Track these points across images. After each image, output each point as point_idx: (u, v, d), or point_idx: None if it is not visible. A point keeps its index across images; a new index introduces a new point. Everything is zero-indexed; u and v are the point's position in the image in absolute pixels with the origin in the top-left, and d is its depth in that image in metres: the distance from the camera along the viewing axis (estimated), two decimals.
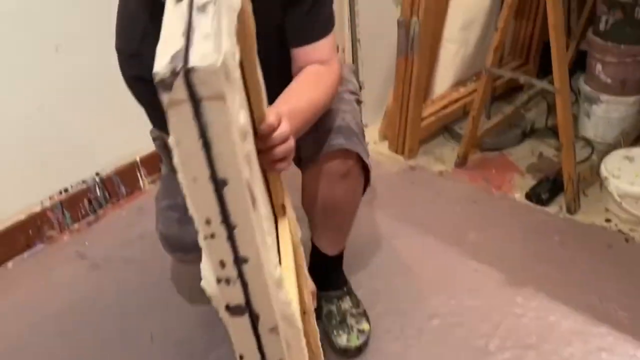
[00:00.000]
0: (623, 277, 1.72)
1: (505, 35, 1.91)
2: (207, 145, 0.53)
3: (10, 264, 1.94)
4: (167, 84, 0.47)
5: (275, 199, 1.07)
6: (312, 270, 1.54)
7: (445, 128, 2.28)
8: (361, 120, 1.47)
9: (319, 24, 1.29)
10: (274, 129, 0.98)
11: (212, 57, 0.48)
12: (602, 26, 2.03)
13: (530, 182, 2.05)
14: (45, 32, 1.78)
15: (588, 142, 2.17)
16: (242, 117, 0.56)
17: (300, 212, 1.34)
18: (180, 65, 0.47)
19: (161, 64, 0.48)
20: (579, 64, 2.25)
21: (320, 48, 1.29)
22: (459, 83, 2.31)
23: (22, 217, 1.95)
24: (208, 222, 0.57)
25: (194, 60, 0.48)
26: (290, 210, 1.10)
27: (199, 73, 0.48)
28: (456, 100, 2.26)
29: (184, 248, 1.36)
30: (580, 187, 1.95)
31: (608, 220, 1.89)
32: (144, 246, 1.93)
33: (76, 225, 2.06)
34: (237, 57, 0.57)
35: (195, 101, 0.50)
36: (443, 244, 1.86)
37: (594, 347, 1.54)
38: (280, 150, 1.00)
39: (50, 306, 1.78)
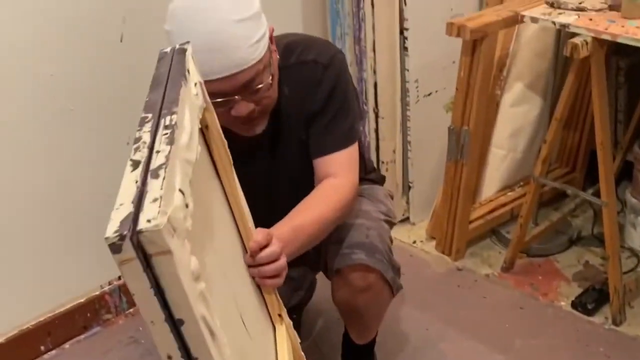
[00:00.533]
0: None
1: (553, 147, 2.01)
2: (160, 292, 0.61)
3: (67, 345, 2.03)
4: (117, 247, 0.56)
5: (272, 310, 1.14)
6: (344, 356, 1.63)
7: (493, 231, 2.34)
8: (390, 239, 1.51)
9: (336, 137, 1.35)
10: (261, 247, 1.05)
11: (156, 220, 0.57)
12: None
13: (576, 290, 2.09)
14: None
15: (634, 253, 2.22)
16: (193, 263, 0.64)
17: None
18: (126, 229, 0.56)
19: (110, 230, 0.57)
20: (625, 173, 2.31)
21: (335, 160, 1.35)
22: (507, 187, 2.39)
23: (81, 300, 2.04)
24: (170, 357, 0.64)
25: (141, 224, 0.57)
26: (286, 318, 1.17)
27: (145, 234, 0.57)
28: (504, 205, 2.32)
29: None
30: (626, 298, 1.99)
31: None
32: None
33: (132, 310, 2.14)
34: (191, 206, 0.65)
35: (146, 257, 0.59)
36: (489, 350, 1.90)
37: None
38: (269, 269, 1.06)
39: None
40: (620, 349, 1.88)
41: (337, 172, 1.34)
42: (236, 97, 1.19)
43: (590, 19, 1.79)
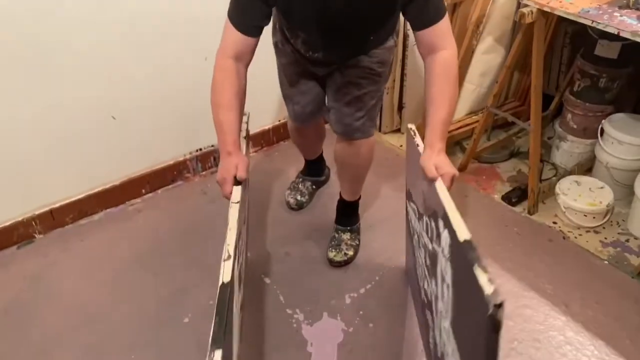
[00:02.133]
0: (554, 263, 1.89)
1: (503, 86, 2.11)
2: None
3: (159, 191, 2.27)
4: None
5: None
6: (337, 211, 1.85)
7: (457, 143, 2.47)
8: (383, 90, 1.61)
9: (435, 11, 1.26)
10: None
11: None
12: (575, 88, 2.19)
13: (508, 188, 2.24)
14: None
15: (555, 167, 2.33)
16: None
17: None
18: None
19: None
20: (560, 110, 2.40)
21: (439, 30, 1.27)
22: (472, 113, 2.50)
23: (171, 162, 2.26)
24: None
25: None
26: None
27: None
28: (467, 125, 2.44)
29: (303, 118, 1.76)
30: (540, 197, 2.13)
31: (555, 223, 2.07)
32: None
33: (204, 173, 2.35)
34: None
35: None
36: None
37: (522, 304, 1.75)
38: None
39: (181, 221, 2.11)
40: (528, 230, 2.05)
41: (444, 43, 1.28)
42: None
43: None
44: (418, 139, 1.40)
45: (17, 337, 1.67)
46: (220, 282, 1.08)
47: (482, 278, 0.95)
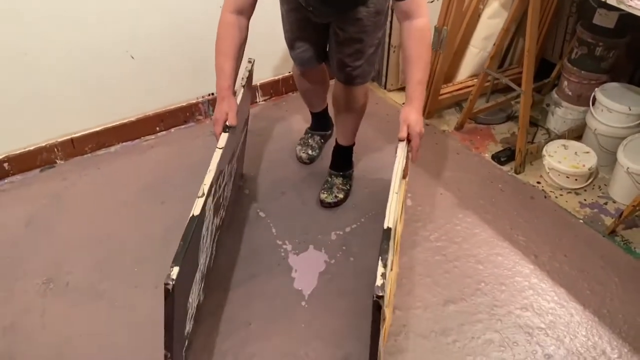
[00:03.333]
0: (532, 218, 2.01)
1: (500, 48, 2.19)
2: None
3: (172, 130, 2.44)
4: None
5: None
6: (332, 157, 2.01)
7: (457, 103, 2.57)
8: (382, 36, 1.71)
9: None
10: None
11: None
12: (572, 55, 2.26)
13: (499, 149, 2.34)
14: None
15: (548, 131, 2.43)
16: None
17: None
18: None
19: None
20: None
21: (414, 4, 1.42)
22: (474, 75, 2.58)
23: (184, 104, 2.41)
24: None
25: None
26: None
27: None
28: (469, 87, 2.53)
29: (303, 62, 1.86)
30: (528, 158, 2.24)
31: (538, 183, 2.18)
32: (255, 132, 2.39)
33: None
34: None
35: None
36: (427, 174, 2.20)
37: (494, 252, 1.88)
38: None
39: (190, 158, 2.26)
40: (512, 187, 2.16)
41: (420, 11, 1.42)
42: None
43: None
44: None
45: (34, 246, 1.87)
46: (190, 215, 1.27)
47: (379, 270, 1.16)
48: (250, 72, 1.78)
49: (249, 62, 1.78)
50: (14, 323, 1.63)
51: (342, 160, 2.07)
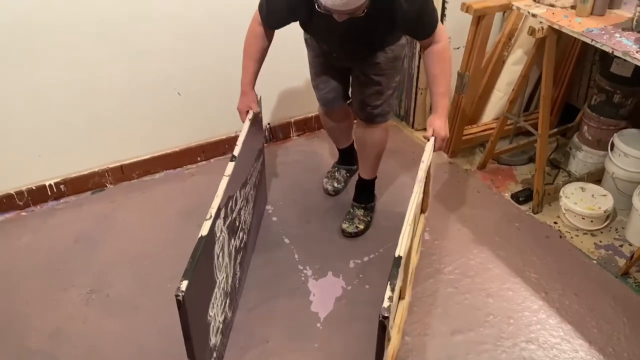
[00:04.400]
0: (545, 256, 2.08)
1: (518, 93, 2.30)
2: None
3: (212, 160, 2.61)
4: None
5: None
6: (355, 190, 2.16)
7: (481, 144, 2.67)
8: (398, 80, 1.90)
9: (429, 26, 1.61)
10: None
11: None
12: (592, 102, 2.35)
13: (519, 189, 2.42)
14: None
15: (569, 174, 2.49)
16: None
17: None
18: None
19: None
20: None
21: (434, 36, 1.63)
22: (498, 118, 2.68)
23: (223, 137, 2.60)
24: None
25: None
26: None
27: None
28: (492, 128, 2.63)
29: (326, 102, 2.07)
30: (547, 199, 2.31)
31: (555, 223, 2.25)
32: (287, 164, 2.56)
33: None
34: None
35: None
36: (448, 211, 2.30)
37: (505, 287, 1.96)
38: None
39: None
40: (528, 226, 2.23)
41: (436, 38, 1.63)
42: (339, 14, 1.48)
43: (553, 13, 2.03)
44: None
45: (80, 260, 2.08)
46: (199, 235, 1.43)
47: (387, 293, 1.25)
48: (259, 112, 1.97)
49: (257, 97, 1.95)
50: (59, 328, 1.83)
51: (365, 192, 2.21)
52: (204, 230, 1.45)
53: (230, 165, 1.67)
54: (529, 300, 1.91)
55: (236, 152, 1.72)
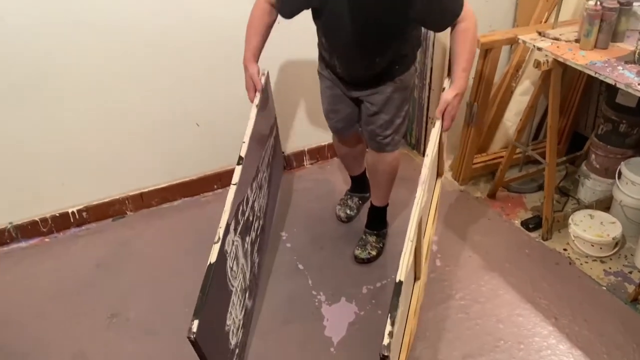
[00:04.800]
0: (555, 283, 2.11)
1: (525, 123, 2.36)
2: None
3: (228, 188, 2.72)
4: None
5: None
6: (368, 217, 2.21)
7: (491, 172, 2.73)
8: (407, 114, 1.95)
9: (450, 14, 1.61)
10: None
11: None
12: (599, 131, 2.40)
13: (529, 216, 2.47)
14: None
15: (578, 201, 2.54)
16: None
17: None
18: None
19: None
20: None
21: (459, 20, 1.62)
22: (508, 146, 2.74)
23: None
24: None
25: None
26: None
27: None
28: (501, 157, 2.68)
29: (337, 130, 2.13)
30: (556, 226, 2.35)
31: (565, 250, 2.28)
32: (300, 192, 2.64)
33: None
34: None
35: None
36: (459, 237, 2.35)
37: (516, 313, 1.99)
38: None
39: None
40: (538, 253, 2.27)
41: (460, 19, 1.62)
42: None
43: (557, 46, 2.10)
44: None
45: (102, 285, 2.16)
46: (207, 263, 1.36)
47: (387, 328, 1.19)
48: (266, 82, 2.02)
49: (263, 74, 1.94)
50: (82, 351, 1.89)
51: (377, 219, 2.27)
52: (212, 257, 1.45)
53: (238, 170, 1.66)
54: (539, 326, 1.94)
55: (243, 152, 1.67)
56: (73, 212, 2.42)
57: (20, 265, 2.26)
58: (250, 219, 1.80)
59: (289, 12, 1.76)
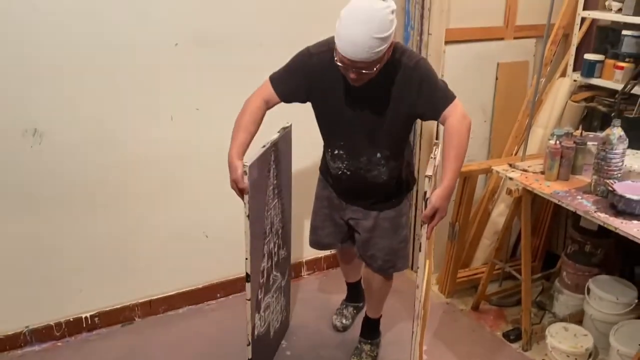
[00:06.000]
0: None
1: (502, 242, 2.64)
2: None
3: (231, 297, 2.89)
4: None
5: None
6: (362, 326, 2.38)
7: (474, 286, 2.96)
8: (407, 238, 2.09)
9: (443, 99, 1.71)
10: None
11: None
12: (568, 250, 2.69)
13: (510, 328, 2.68)
14: None
15: (554, 315, 2.76)
16: None
17: None
18: None
19: None
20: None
21: (448, 111, 1.70)
22: (486, 264, 3.01)
23: (241, 275, 2.87)
24: None
25: None
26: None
27: None
28: (482, 273, 2.94)
29: (319, 245, 2.27)
30: (535, 338, 2.56)
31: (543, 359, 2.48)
32: (298, 301, 2.82)
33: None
34: None
35: None
36: (443, 347, 2.54)
37: None
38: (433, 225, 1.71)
39: (240, 322, 2.71)
40: None
41: (448, 115, 1.68)
42: (352, 69, 1.62)
43: (526, 177, 2.44)
44: None
45: None
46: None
47: None
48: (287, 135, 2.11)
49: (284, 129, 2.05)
50: None
51: (370, 329, 2.46)
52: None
53: (248, 287, 1.95)
54: None
55: (248, 269, 1.91)
56: (86, 317, 2.59)
57: None
58: (269, 264, 2.13)
59: (288, 93, 1.82)
